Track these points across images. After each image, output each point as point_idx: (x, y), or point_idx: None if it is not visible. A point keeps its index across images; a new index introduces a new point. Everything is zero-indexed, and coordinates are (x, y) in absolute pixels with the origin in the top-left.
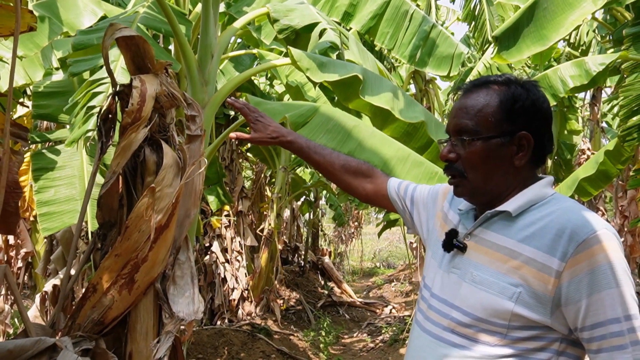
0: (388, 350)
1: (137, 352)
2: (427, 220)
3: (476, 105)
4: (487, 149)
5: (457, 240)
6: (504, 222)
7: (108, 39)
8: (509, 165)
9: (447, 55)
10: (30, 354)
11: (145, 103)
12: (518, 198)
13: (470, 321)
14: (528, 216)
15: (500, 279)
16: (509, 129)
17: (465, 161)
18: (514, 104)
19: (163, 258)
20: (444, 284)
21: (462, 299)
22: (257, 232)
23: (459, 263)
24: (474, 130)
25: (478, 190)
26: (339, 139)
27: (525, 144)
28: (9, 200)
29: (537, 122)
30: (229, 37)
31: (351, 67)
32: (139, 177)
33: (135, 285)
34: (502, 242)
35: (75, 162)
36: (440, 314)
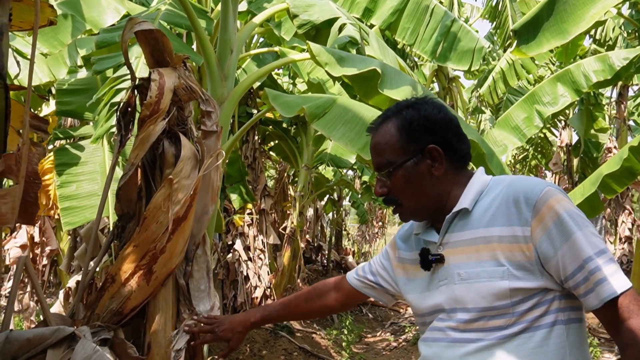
0: (411, 349)
1: (155, 342)
2: (390, 277)
3: (382, 141)
4: (406, 173)
5: (431, 255)
6: (464, 219)
7: (127, 33)
8: (431, 177)
9: (468, 49)
10: (49, 342)
11: (164, 96)
12: (466, 194)
13: (476, 315)
14: (481, 204)
15: (484, 266)
16: (416, 148)
17: (394, 190)
18: (410, 125)
19: (181, 250)
20: (436, 297)
21: (460, 299)
22: (279, 230)
23: (442, 274)
24: (388, 162)
25: (416, 211)
26: (357, 129)
27: (437, 154)
28: (29, 191)
29: (438, 132)
30: (248, 32)
31: (370, 61)
32: (157, 170)
33: (154, 276)
34: (471, 236)
35: (97, 157)
36: (444, 321)
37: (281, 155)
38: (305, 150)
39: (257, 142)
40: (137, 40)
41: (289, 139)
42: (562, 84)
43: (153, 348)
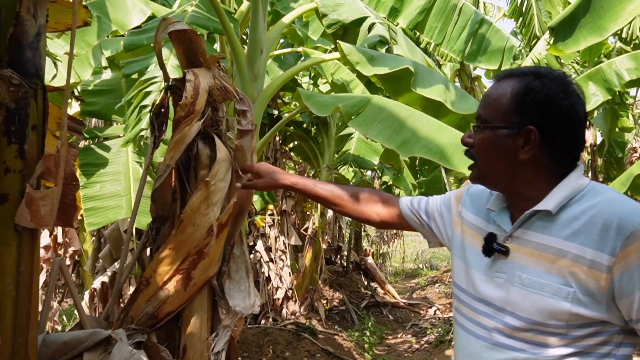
0: (433, 351)
1: (191, 346)
2: (445, 228)
3: (492, 95)
4: (494, 139)
5: (497, 243)
6: (545, 221)
7: (161, 33)
8: (514, 157)
9: (497, 49)
10: (86, 345)
11: (199, 96)
12: (554, 195)
13: (526, 325)
14: (569, 211)
15: (551, 280)
16: (517, 120)
17: (476, 147)
18: (525, 97)
19: (219, 257)
20: (489, 288)
21: (514, 304)
22: (300, 231)
23: (502, 267)
24: (485, 118)
25: (485, 177)
26: (393, 128)
27: (532, 138)
28: (67, 192)
29: (549, 118)
30: (277, 32)
31: (401, 60)
32: (192, 171)
33: (192, 282)
34: (547, 242)
35: (121, 158)
36: (491, 319)
37: (302, 156)
38: (327, 151)
39: (279, 143)
40: (171, 40)
41: (310, 140)
42: (593, 82)
43: (188, 351)
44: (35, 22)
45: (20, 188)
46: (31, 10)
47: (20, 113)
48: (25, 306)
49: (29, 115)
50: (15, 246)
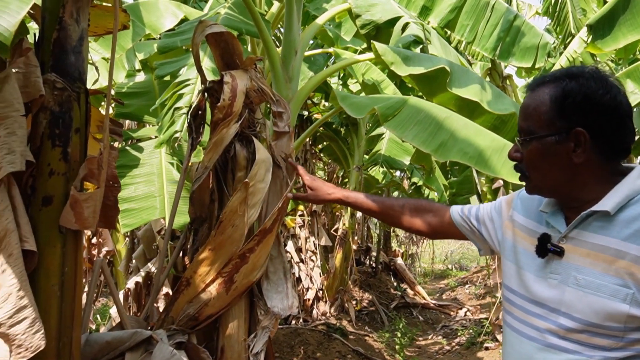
0: (465, 353)
1: (229, 347)
2: (496, 232)
3: (531, 105)
4: (543, 148)
5: (551, 244)
6: (602, 221)
7: (198, 36)
8: (568, 162)
9: (531, 46)
10: (127, 346)
11: (236, 98)
12: (612, 195)
13: (581, 327)
14: (628, 212)
15: (608, 281)
16: (563, 125)
17: (526, 161)
18: (565, 100)
19: (263, 262)
20: (542, 288)
21: (569, 305)
22: (330, 232)
23: (557, 268)
24: (529, 130)
25: (541, 189)
26: (430, 130)
27: (583, 140)
28: (109, 194)
29: (594, 115)
30: (311, 33)
31: (436, 60)
32: (229, 173)
33: (234, 286)
34: (604, 243)
35: (154, 159)
36: (544, 320)
37: (332, 157)
38: (356, 152)
39: (308, 144)
40: (207, 42)
41: (340, 140)
42: (632, 80)
43: (226, 352)
44: (78, 26)
45: (64, 190)
46: (74, 15)
47: (64, 116)
48: (69, 306)
49: (72, 119)
50: (59, 247)
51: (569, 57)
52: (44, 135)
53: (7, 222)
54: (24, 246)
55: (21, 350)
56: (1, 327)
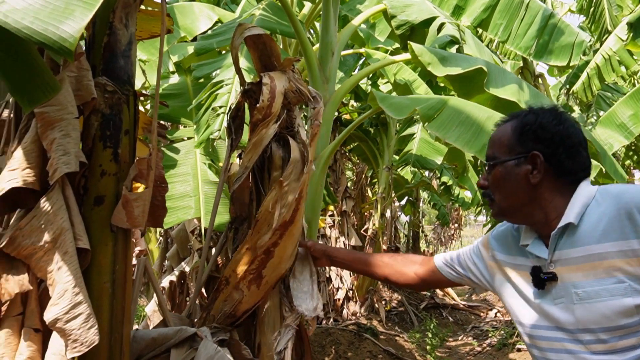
0: (497, 354)
1: (265, 344)
2: (482, 274)
3: (496, 136)
4: (505, 171)
5: (543, 273)
6: (572, 235)
7: (237, 39)
8: (526, 182)
9: (566, 44)
10: (173, 342)
11: (275, 99)
12: (571, 207)
13: (605, 335)
14: (589, 218)
15: (604, 284)
16: (521, 150)
17: (491, 184)
18: (523, 128)
19: (290, 254)
20: (555, 315)
21: (583, 321)
22: (360, 232)
23: (559, 292)
24: (493, 156)
25: (505, 211)
26: (472, 131)
27: (538, 162)
28: (156, 194)
29: (548, 142)
30: (348, 34)
31: (473, 60)
32: (265, 172)
33: (264, 281)
34: (584, 252)
35: (189, 160)
36: (573, 343)
37: (361, 157)
38: (386, 152)
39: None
40: (246, 45)
41: (370, 141)
42: None
43: (263, 349)
44: (127, 31)
45: (114, 190)
46: (123, 20)
47: (115, 118)
48: (120, 303)
49: (122, 121)
50: (111, 246)
51: (604, 55)
52: (95, 137)
53: (62, 221)
54: (77, 244)
55: (76, 345)
56: (58, 322)
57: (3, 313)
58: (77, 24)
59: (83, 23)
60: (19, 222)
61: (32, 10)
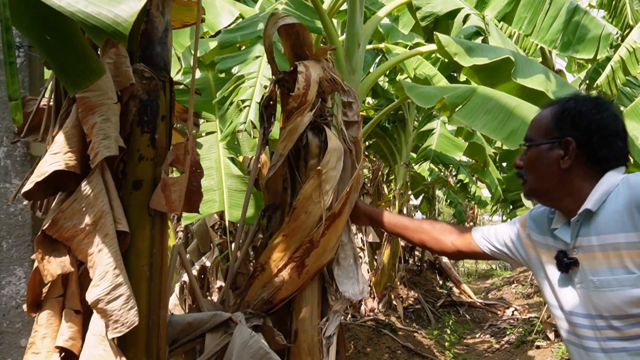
0: (515, 352)
1: (302, 330)
2: (519, 251)
3: (537, 118)
4: (539, 154)
5: (567, 258)
6: (591, 222)
7: (271, 28)
8: (557, 167)
9: (592, 37)
10: (208, 327)
11: (310, 87)
12: (593, 194)
13: (617, 323)
14: (609, 207)
15: (615, 274)
16: (557, 135)
17: (525, 166)
18: (562, 114)
19: (333, 245)
20: (577, 300)
21: (598, 307)
22: None
23: (580, 277)
24: (530, 138)
25: (535, 191)
26: (500, 118)
27: (570, 148)
28: (192, 180)
29: (584, 129)
30: (373, 26)
31: (500, 50)
32: (302, 161)
33: (305, 270)
34: (600, 242)
35: (213, 154)
36: (591, 329)
37: (378, 154)
38: (404, 148)
39: None
40: (279, 34)
41: (387, 137)
42: None
43: (300, 336)
44: (163, 18)
45: (152, 175)
46: (160, 8)
47: (152, 104)
48: (157, 286)
49: (159, 106)
50: (149, 229)
51: (628, 48)
52: (133, 122)
53: (103, 204)
54: (117, 227)
55: (117, 325)
56: (99, 303)
57: (45, 294)
58: (131, 8)
59: (137, 7)
60: (60, 205)
61: None
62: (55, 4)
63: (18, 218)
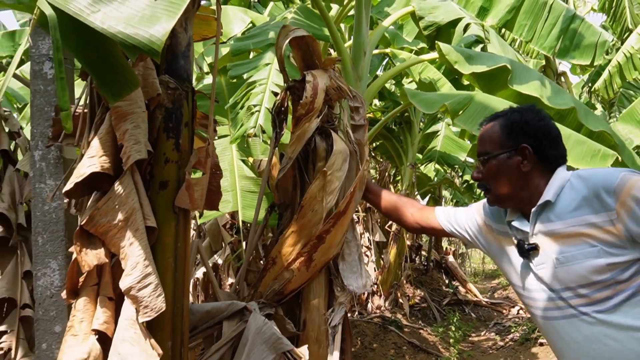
0: (519, 349)
1: (310, 320)
2: (477, 237)
3: (486, 134)
4: (498, 164)
5: (526, 244)
6: (550, 212)
7: (282, 39)
8: (518, 171)
9: (589, 44)
10: (225, 315)
11: (317, 96)
12: (549, 188)
13: (584, 290)
14: (564, 196)
15: (579, 249)
16: (511, 144)
17: (485, 177)
18: (511, 126)
19: (339, 241)
20: (538, 279)
21: (564, 280)
22: (385, 228)
23: (540, 260)
24: (486, 152)
25: (501, 197)
26: None
27: (527, 153)
28: (212, 180)
29: (533, 136)
30: (379, 35)
31: (498, 58)
32: (310, 163)
33: (313, 263)
34: (560, 226)
35: (226, 157)
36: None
37: (385, 155)
38: (410, 149)
39: None
40: (290, 45)
41: (394, 139)
42: None
43: (308, 325)
44: (186, 34)
45: (176, 176)
46: (183, 25)
47: (176, 112)
48: (181, 277)
49: (182, 114)
50: (174, 226)
51: (626, 53)
52: (159, 128)
53: (133, 202)
54: (146, 223)
55: (147, 310)
56: (131, 290)
57: (82, 283)
58: (163, 29)
59: (169, 27)
60: (96, 203)
61: (124, 17)
62: (98, 27)
63: (52, 215)
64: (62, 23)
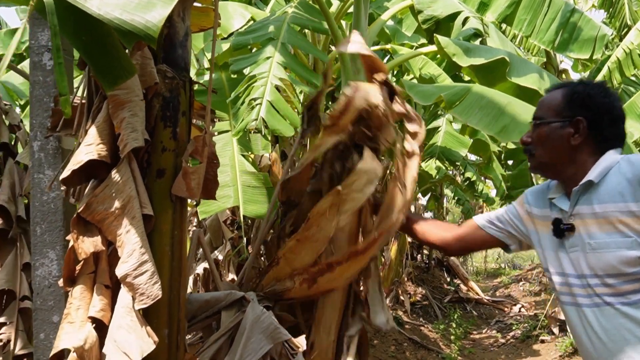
0: (520, 346)
1: (318, 343)
2: (519, 227)
3: (546, 99)
4: (550, 131)
5: (563, 224)
6: (593, 193)
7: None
8: (567, 144)
9: (589, 38)
10: (224, 304)
11: (347, 113)
12: (595, 168)
13: (611, 280)
14: (609, 180)
15: (613, 237)
16: (567, 114)
17: (534, 141)
18: (572, 96)
19: (349, 277)
20: (568, 262)
21: (593, 267)
22: None
23: (574, 241)
24: (541, 117)
25: (542, 165)
26: (492, 114)
27: (580, 127)
28: (209, 170)
29: (593, 110)
30: (377, 29)
31: (496, 51)
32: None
33: (315, 285)
34: (599, 209)
35: (227, 152)
36: (585, 287)
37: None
38: None
39: None
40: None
41: None
42: None
43: (315, 347)
44: (183, 24)
45: (173, 164)
46: (181, 14)
47: (174, 101)
48: (178, 265)
49: (180, 103)
50: (170, 213)
51: (625, 49)
52: (157, 117)
53: (130, 190)
54: (143, 211)
55: (143, 297)
56: (127, 277)
57: (78, 271)
58: (160, 15)
59: (165, 13)
60: (93, 191)
61: (120, 4)
62: (95, 13)
63: (50, 205)
64: (60, 9)
